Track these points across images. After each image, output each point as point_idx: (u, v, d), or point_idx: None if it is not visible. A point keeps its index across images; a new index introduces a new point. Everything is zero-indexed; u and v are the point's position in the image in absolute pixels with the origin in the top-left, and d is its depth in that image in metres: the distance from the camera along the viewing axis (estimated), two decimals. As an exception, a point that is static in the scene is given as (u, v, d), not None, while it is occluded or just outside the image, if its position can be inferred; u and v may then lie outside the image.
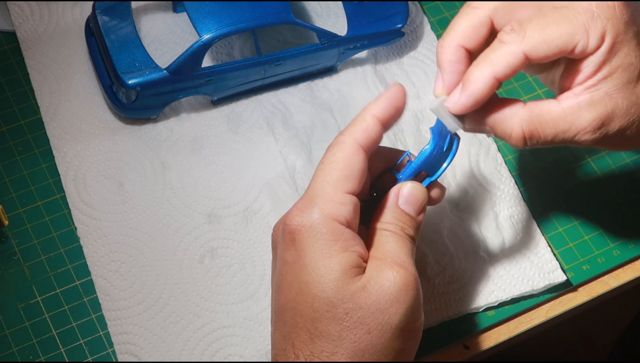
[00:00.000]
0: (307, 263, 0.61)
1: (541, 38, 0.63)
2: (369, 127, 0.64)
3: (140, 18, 0.85)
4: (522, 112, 0.65)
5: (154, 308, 0.74)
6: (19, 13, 0.86)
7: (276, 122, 0.82)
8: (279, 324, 0.63)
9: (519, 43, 0.63)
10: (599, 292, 0.79)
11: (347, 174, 0.63)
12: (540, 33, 0.63)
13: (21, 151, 0.80)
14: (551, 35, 0.63)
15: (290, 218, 0.62)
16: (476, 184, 0.81)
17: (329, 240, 0.61)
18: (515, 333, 0.77)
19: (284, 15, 0.80)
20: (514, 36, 0.63)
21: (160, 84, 0.78)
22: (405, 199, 0.65)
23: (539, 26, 0.63)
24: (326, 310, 0.60)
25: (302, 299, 0.61)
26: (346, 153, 0.63)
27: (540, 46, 0.63)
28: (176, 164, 0.80)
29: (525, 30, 0.63)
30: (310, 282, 0.60)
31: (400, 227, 0.64)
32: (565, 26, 0.63)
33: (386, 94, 0.65)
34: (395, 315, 0.60)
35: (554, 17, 0.63)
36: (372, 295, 0.60)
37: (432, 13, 0.90)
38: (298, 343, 0.61)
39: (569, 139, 0.65)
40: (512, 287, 0.77)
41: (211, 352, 0.73)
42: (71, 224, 0.77)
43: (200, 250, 0.77)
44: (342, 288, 0.60)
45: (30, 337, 0.73)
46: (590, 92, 0.64)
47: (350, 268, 0.61)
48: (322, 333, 0.60)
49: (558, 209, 0.81)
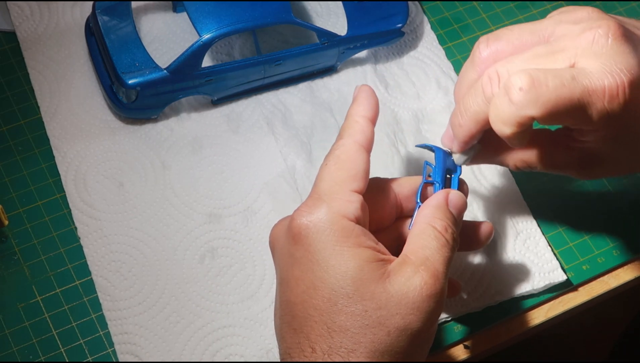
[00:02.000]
0: (319, 259, 0.61)
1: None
2: (364, 127, 0.65)
3: (140, 18, 0.85)
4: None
5: (155, 308, 0.74)
6: (19, 13, 0.86)
7: (276, 122, 0.82)
8: (286, 317, 0.62)
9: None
10: (599, 292, 0.79)
11: (353, 174, 0.63)
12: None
13: (21, 151, 0.80)
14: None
15: (298, 217, 0.62)
16: (476, 184, 0.81)
17: (340, 237, 0.61)
18: (515, 333, 0.77)
19: (284, 15, 0.80)
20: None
21: (160, 84, 0.78)
22: (453, 205, 0.65)
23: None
24: (345, 305, 0.60)
25: (317, 293, 0.60)
26: (350, 154, 0.64)
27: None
28: (176, 164, 0.80)
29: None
30: (326, 278, 0.60)
31: (444, 227, 0.63)
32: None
33: (362, 95, 0.67)
34: (416, 322, 0.60)
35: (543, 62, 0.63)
36: (394, 298, 0.60)
37: (432, 13, 0.90)
38: (314, 336, 0.60)
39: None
40: (512, 287, 0.77)
41: (212, 351, 0.73)
42: (71, 224, 0.77)
43: (200, 250, 0.77)
44: (361, 284, 0.60)
45: (30, 337, 0.73)
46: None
47: (367, 264, 0.61)
48: (340, 328, 0.60)
49: (558, 209, 0.81)
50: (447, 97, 0.85)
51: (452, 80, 0.86)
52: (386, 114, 0.83)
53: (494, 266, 0.77)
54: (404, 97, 0.85)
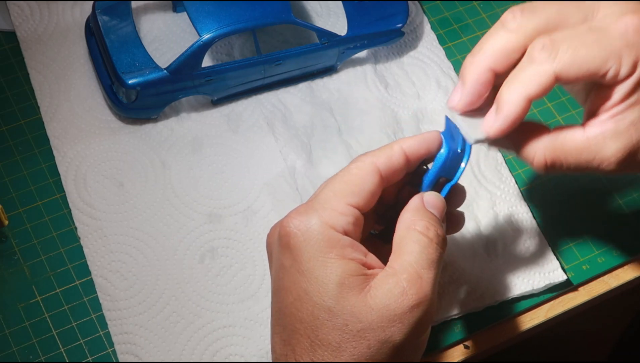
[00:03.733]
0: (305, 270, 0.60)
1: (572, 60, 0.61)
2: (393, 156, 0.64)
3: (140, 18, 0.85)
4: (546, 139, 0.64)
5: (155, 308, 0.74)
6: (19, 13, 0.86)
7: (276, 122, 0.82)
8: (277, 328, 0.62)
9: (550, 63, 0.61)
10: (599, 292, 0.79)
11: (355, 190, 0.62)
12: (572, 55, 0.61)
13: (21, 151, 0.80)
14: (583, 58, 0.61)
15: (287, 221, 0.61)
16: (476, 184, 0.81)
17: (325, 247, 0.60)
18: (515, 333, 0.77)
19: (284, 15, 0.80)
20: (545, 55, 0.61)
21: (160, 83, 0.78)
22: (430, 204, 0.64)
23: (571, 47, 0.61)
24: (326, 319, 0.59)
25: (301, 305, 0.60)
26: (362, 171, 0.63)
27: (571, 67, 0.61)
28: (176, 164, 0.80)
29: (557, 50, 0.61)
30: (310, 290, 0.60)
31: (425, 226, 0.62)
32: (598, 51, 0.61)
33: (423, 135, 0.65)
34: (399, 334, 0.59)
35: (588, 40, 0.62)
36: (373, 311, 0.59)
37: (432, 13, 0.90)
38: (299, 349, 0.60)
39: (592, 168, 0.64)
40: (512, 287, 0.77)
41: (212, 351, 0.73)
42: (71, 224, 0.77)
43: (200, 250, 0.77)
44: (341, 297, 0.59)
45: (30, 337, 0.73)
46: (616, 121, 0.63)
47: (349, 277, 0.60)
48: (322, 341, 0.59)
49: (558, 209, 0.81)
50: (447, 97, 0.85)
51: (452, 80, 0.86)
52: (386, 114, 0.83)
53: (494, 266, 0.77)
54: (404, 97, 0.85)
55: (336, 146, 0.82)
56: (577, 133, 0.64)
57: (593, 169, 0.64)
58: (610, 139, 0.63)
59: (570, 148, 0.64)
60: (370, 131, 0.83)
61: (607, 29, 0.62)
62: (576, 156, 0.64)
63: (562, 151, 0.64)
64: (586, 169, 0.64)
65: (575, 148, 0.63)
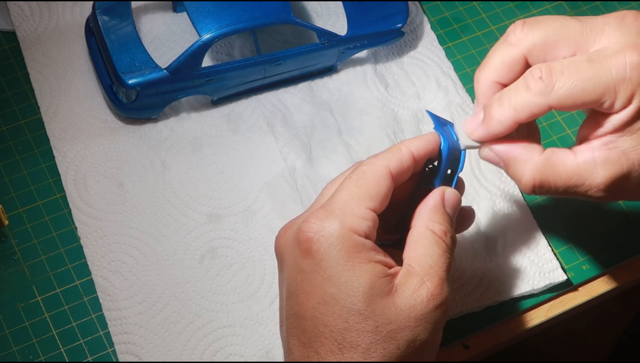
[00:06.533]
0: (331, 275, 0.60)
1: (568, 94, 0.62)
2: (403, 158, 0.64)
3: (140, 18, 0.85)
4: (537, 159, 0.64)
5: (155, 308, 0.74)
6: (19, 13, 0.86)
7: (276, 122, 0.82)
8: (294, 330, 0.62)
9: (545, 96, 0.62)
10: (599, 292, 0.79)
11: (372, 194, 0.62)
12: (568, 89, 0.62)
13: (21, 151, 0.80)
14: (579, 94, 0.62)
15: (307, 226, 0.61)
16: (476, 184, 0.81)
17: (353, 252, 0.61)
18: (515, 333, 0.77)
19: (284, 15, 0.80)
20: (541, 87, 0.62)
21: (160, 83, 0.78)
22: (449, 205, 0.65)
23: (568, 81, 0.62)
24: (356, 322, 0.60)
25: (327, 309, 0.60)
26: (376, 175, 0.63)
27: (566, 101, 0.62)
28: (176, 164, 0.80)
29: (553, 83, 0.62)
30: (337, 294, 0.60)
31: (444, 231, 0.63)
32: (594, 86, 0.61)
33: (426, 136, 0.66)
34: (425, 333, 0.61)
35: (585, 74, 0.62)
36: (403, 312, 0.60)
37: (432, 13, 0.90)
38: (324, 352, 0.60)
39: (580, 193, 0.64)
40: (512, 287, 0.77)
41: (212, 351, 0.73)
42: (71, 224, 0.77)
43: (200, 250, 0.77)
44: (372, 300, 0.60)
45: (30, 337, 0.73)
46: (607, 149, 0.63)
47: (378, 279, 0.60)
48: (351, 344, 0.60)
49: (558, 209, 0.81)
50: (447, 97, 0.85)
51: (452, 80, 0.86)
52: (386, 114, 0.83)
53: (494, 266, 0.77)
54: (404, 97, 0.85)
55: (336, 146, 0.82)
56: (568, 157, 0.64)
57: (581, 194, 0.64)
58: (601, 167, 0.63)
59: (560, 171, 0.64)
60: (370, 131, 0.83)
61: (606, 62, 0.62)
62: (565, 180, 0.64)
63: (552, 173, 0.64)
64: (574, 194, 0.65)
65: (565, 172, 0.64)
